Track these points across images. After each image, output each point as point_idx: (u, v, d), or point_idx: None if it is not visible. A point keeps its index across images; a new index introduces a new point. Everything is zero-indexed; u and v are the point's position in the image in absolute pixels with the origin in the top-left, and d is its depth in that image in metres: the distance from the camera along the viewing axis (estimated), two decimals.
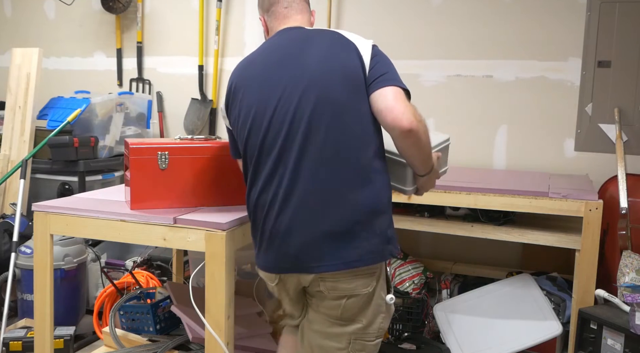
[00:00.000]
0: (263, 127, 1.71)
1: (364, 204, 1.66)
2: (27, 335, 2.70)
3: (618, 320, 2.41)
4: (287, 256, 1.69)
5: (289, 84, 1.70)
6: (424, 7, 3.52)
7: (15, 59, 3.74)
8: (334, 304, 1.74)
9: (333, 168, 1.66)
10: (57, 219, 2.08)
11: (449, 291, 3.19)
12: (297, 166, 1.66)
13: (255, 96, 1.75)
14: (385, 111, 1.66)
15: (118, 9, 4.13)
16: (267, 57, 1.82)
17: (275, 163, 1.69)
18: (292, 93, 1.69)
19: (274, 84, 1.73)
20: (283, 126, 1.68)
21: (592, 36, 3.20)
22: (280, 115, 1.69)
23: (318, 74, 1.70)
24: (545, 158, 3.35)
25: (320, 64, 1.71)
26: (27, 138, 3.59)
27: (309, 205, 1.65)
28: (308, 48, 1.75)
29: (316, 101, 1.67)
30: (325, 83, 1.69)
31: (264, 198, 1.71)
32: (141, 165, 2.01)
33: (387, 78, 1.71)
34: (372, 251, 1.69)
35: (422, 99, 3.51)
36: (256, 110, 1.73)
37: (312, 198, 1.65)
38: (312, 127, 1.66)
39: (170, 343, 2.24)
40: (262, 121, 1.71)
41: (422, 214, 2.92)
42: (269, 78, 1.75)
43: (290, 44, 1.80)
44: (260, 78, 1.77)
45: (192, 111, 4.04)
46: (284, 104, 1.69)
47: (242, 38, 3.97)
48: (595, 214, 2.51)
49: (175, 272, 3.02)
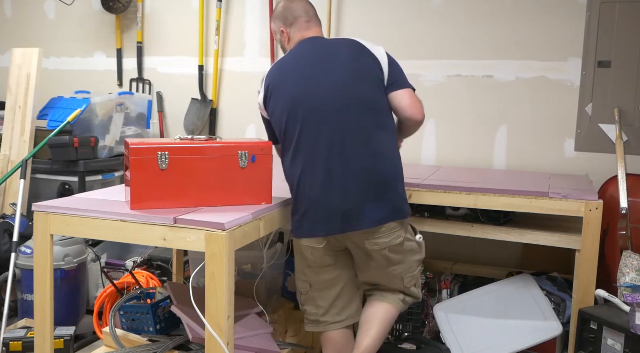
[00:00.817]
0: (302, 115, 2.14)
1: (389, 174, 2.16)
2: (27, 335, 2.70)
3: (618, 320, 2.41)
4: (329, 221, 2.12)
5: (324, 80, 2.15)
6: (423, 7, 3.52)
7: (15, 59, 3.74)
8: (382, 256, 2.22)
9: (365, 146, 2.12)
10: (57, 220, 2.08)
11: (449, 291, 3.19)
12: (338, 146, 2.11)
13: (293, 90, 2.17)
14: (406, 107, 2.21)
15: (118, 9, 4.13)
16: (300, 59, 2.25)
17: (317, 144, 2.12)
18: (327, 88, 2.14)
19: (309, 80, 2.17)
20: (321, 113, 2.13)
21: (592, 36, 3.20)
22: (318, 104, 2.13)
23: (347, 73, 2.16)
24: (545, 158, 3.35)
25: (347, 65, 2.18)
26: (27, 138, 3.59)
27: (350, 176, 2.10)
28: (336, 52, 2.22)
29: (348, 94, 2.14)
30: (354, 81, 2.16)
31: (310, 173, 2.13)
32: (141, 165, 2.01)
33: (403, 81, 2.25)
34: (397, 208, 2.19)
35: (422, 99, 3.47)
36: (295, 101, 2.16)
37: (352, 170, 2.10)
38: (346, 114, 2.12)
39: (170, 343, 2.24)
40: (300, 110, 2.14)
41: (422, 214, 2.92)
42: (304, 75, 2.18)
43: (319, 48, 2.26)
44: (296, 76, 2.19)
45: (192, 111, 4.04)
46: (321, 96, 2.14)
47: (242, 38, 3.98)
48: (595, 214, 2.52)
49: (175, 272, 3.03)
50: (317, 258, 2.26)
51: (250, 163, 2.12)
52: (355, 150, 2.11)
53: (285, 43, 2.38)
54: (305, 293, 2.37)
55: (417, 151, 3.59)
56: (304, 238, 2.23)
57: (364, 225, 2.12)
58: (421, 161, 3.56)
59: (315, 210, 2.15)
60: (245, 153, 2.11)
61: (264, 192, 2.16)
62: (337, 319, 2.35)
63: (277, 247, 2.89)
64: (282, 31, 2.36)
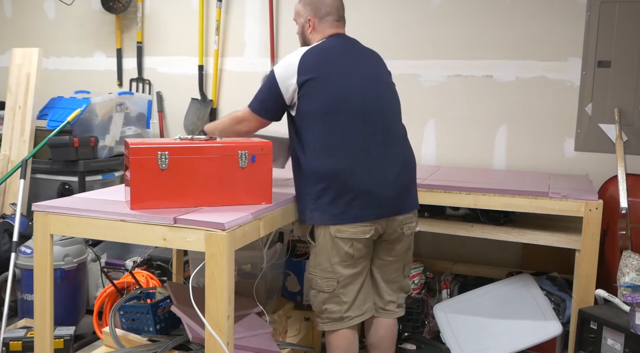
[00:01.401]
0: (353, 108, 2.23)
1: (413, 165, 2.40)
2: (27, 335, 2.70)
3: (618, 320, 2.41)
4: (381, 205, 2.25)
5: (369, 77, 2.32)
6: (423, 7, 3.52)
7: (15, 59, 3.74)
8: (407, 241, 2.40)
9: (398, 139, 2.34)
10: (57, 220, 2.08)
11: (449, 291, 3.19)
12: (384, 138, 2.27)
13: (344, 82, 2.26)
14: None
15: (118, 9, 4.13)
16: (344, 53, 2.34)
17: (367, 135, 2.24)
18: (372, 84, 2.32)
19: (359, 76, 2.30)
20: (371, 107, 2.27)
21: (592, 36, 3.20)
22: (368, 99, 2.27)
23: (380, 72, 2.40)
24: (545, 158, 3.35)
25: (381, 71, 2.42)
26: (27, 138, 3.59)
27: (394, 165, 2.28)
28: (371, 56, 2.42)
29: (386, 91, 2.37)
30: (385, 79, 2.40)
31: (360, 162, 2.22)
32: (141, 165, 2.01)
33: None
34: (417, 197, 2.44)
35: (422, 99, 3.52)
36: (347, 94, 2.24)
37: (395, 160, 2.28)
38: (387, 110, 2.33)
39: (170, 343, 2.24)
40: (349, 102, 2.24)
41: (422, 214, 2.92)
42: (354, 70, 2.30)
43: (359, 48, 2.41)
44: (344, 68, 2.28)
45: (192, 111, 4.04)
46: (370, 91, 2.30)
47: (242, 38, 3.98)
48: (595, 214, 2.52)
49: (175, 272, 3.02)
50: (357, 250, 2.26)
51: (250, 163, 2.12)
52: (396, 142, 2.32)
53: (308, 32, 2.39)
54: (330, 291, 2.30)
55: (417, 151, 3.56)
56: (351, 223, 2.22)
57: (406, 209, 2.34)
58: (421, 161, 3.56)
59: (366, 196, 2.23)
60: (245, 153, 2.11)
61: (264, 192, 2.16)
62: (359, 313, 2.34)
63: (277, 247, 2.89)
64: (310, 20, 2.37)
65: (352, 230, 2.23)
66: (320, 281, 2.32)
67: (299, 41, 2.47)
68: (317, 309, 2.36)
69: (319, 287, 2.32)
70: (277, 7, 3.86)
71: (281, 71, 2.27)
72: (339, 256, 2.26)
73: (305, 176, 2.27)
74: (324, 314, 2.35)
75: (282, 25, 3.86)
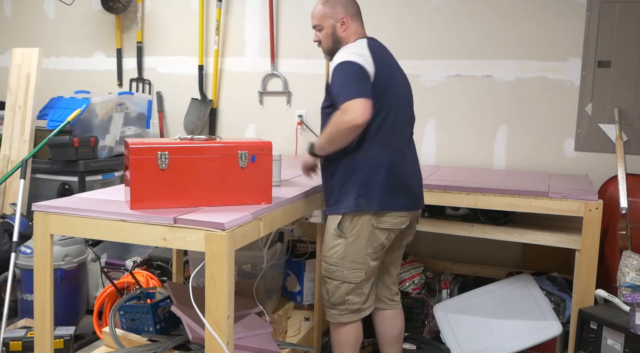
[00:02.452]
0: (401, 106, 2.37)
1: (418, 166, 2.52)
2: (27, 335, 2.70)
3: (618, 320, 2.41)
4: (415, 198, 2.41)
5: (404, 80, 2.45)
6: (423, 7, 3.52)
7: (15, 59, 3.74)
8: (412, 234, 2.53)
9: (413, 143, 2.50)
10: (57, 219, 2.08)
11: (449, 291, 3.19)
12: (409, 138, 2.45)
13: (395, 81, 2.37)
14: None
15: (118, 9, 4.13)
16: (384, 51, 2.43)
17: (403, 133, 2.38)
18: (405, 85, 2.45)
19: (401, 77, 2.44)
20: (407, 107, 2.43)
21: (592, 36, 3.20)
22: (407, 100, 2.44)
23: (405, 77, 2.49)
24: (545, 158, 3.35)
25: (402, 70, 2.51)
26: (27, 138, 3.59)
27: (416, 163, 2.46)
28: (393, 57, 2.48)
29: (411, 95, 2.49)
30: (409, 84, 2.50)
31: (400, 156, 2.34)
32: (141, 165, 2.01)
33: None
34: None
35: (422, 99, 3.51)
36: (398, 92, 2.36)
37: (415, 158, 2.46)
38: (412, 111, 2.48)
39: (170, 343, 2.24)
40: (400, 100, 2.36)
41: (422, 214, 2.92)
42: (398, 71, 2.43)
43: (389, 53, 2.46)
44: (392, 67, 2.40)
45: (192, 111, 4.04)
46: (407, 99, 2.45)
47: (242, 38, 3.98)
48: (595, 214, 2.52)
49: (175, 272, 3.02)
50: (389, 241, 2.36)
51: (250, 163, 2.12)
52: (413, 142, 2.48)
53: (341, 31, 2.37)
54: (357, 282, 2.32)
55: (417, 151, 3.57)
56: (396, 212, 2.31)
57: (423, 203, 2.49)
58: (421, 161, 3.53)
59: (408, 188, 2.36)
60: (245, 152, 2.11)
61: (264, 192, 2.16)
62: (370, 305, 2.43)
63: (277, 247, 2.89)
64: (344, 18, 2.36)
65: (392, 221, 2.32)
66: (347, 272, 2.31)
67: (323, 46, 2.41)
68: (339, 300, 2.34)
69: (344, 278, 2.32)
70: (277, 7, 3.86)
71: (358, 58, 2.21)
72: (372, 248, 2.32)
73: (356, 163, 2.28)
74: (343, 306, 2.34)
75: (282, 26, 3.86)
